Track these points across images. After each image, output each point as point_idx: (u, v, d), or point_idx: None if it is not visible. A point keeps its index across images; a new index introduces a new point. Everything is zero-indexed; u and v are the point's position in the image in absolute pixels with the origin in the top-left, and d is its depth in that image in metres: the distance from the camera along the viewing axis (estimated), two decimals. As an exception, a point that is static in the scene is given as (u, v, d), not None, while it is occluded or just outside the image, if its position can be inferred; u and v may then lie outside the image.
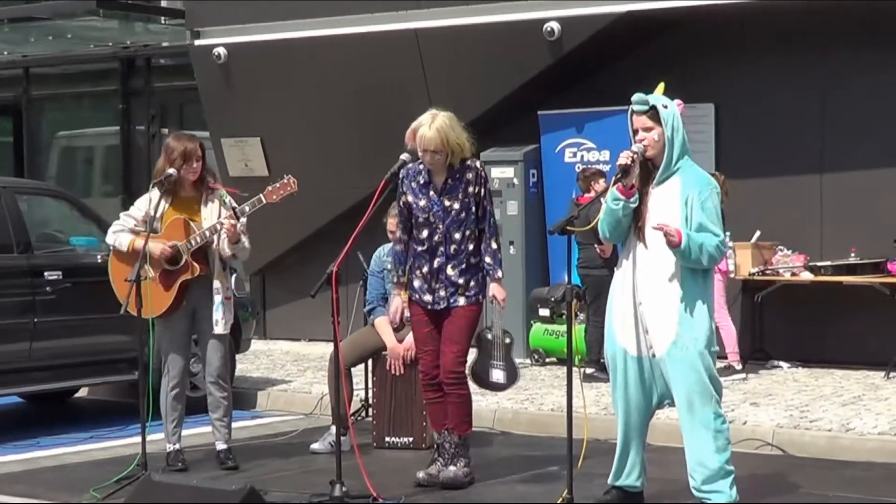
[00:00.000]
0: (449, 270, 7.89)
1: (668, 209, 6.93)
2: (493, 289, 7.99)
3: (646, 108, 6.98)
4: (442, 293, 7.90)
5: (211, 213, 8.54)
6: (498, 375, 8.06)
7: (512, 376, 8.14)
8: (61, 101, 19.16)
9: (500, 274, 7.96)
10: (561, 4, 12.96)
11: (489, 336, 8.09)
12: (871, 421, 9.42)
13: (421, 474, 7.99)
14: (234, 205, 8.56)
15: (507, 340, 8.10)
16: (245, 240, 8.57)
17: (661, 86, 7.16)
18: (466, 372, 8.10)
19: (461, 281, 7.89)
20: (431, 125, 7.78)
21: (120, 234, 8.63)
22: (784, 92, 12.81)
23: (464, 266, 7.90)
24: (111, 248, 8.74)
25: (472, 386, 8.15)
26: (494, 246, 7.96)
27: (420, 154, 7.86)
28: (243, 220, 8.50)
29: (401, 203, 8.02)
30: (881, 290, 11.77)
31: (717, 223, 6.91)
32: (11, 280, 10.12)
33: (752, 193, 12.65)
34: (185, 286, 8.53)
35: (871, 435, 9.03)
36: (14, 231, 10.21)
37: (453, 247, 7.88)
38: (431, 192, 7.88)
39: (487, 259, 7.93)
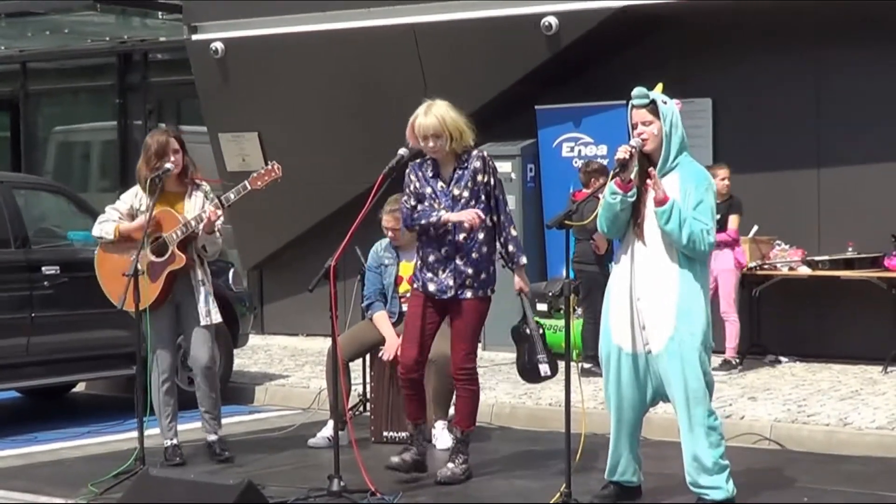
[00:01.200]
0: (458, 260, 7.79)
1: (666, 205, 6.93)
2: (518, 281, 7.94)
3: (646, 101, 6.98)
4: (450, 282, 7.80)
5: (194, 207, 8.57)
6: (545, 369, 7.98)
7: (555, 366, 8.05)
8: (58, 95, 19.14)
9: (524, 260, 7.91)
10: (558, -1, 12.98)
11: (528, 331, 7.99)
12: (868, 415, 9.42)
13: (395, 459, 7.88)
14: (217, 196, 8.59)
15: (541, 331, 8.01)
16: (219, 235, 8.58)
17: (660, 86, 7.16)
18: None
19: (470, 271, 7.80)
20: (428, 112, 7.76)
21: (105, 224, 8.65)
22: (781, 87, 12.81)
23: (474, 256, 7.81)
24: (98, 241, 8.76)
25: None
26: (514, 233, 7.90)
27: (422, 144, 7.81)
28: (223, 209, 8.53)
29: (409, 189, 7.88)
30: (879, 284, 11.77)
31: (707, 217, 6.90)
32: (9, 275, 10.12)
33: (750, 188, 12.65)
34: (172, 278, 8.54)
35: (869, 429, 9.04)
36: (11, 226, 10.22)
37: (462, 235, 7.80)
38: (440, 183, 7.83)
39: (510, 247, 7.86)
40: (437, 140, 7.75)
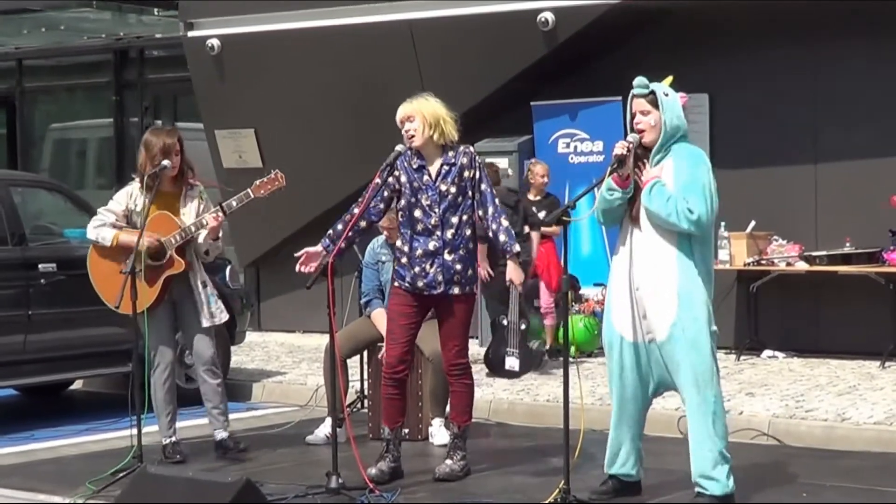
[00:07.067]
0: (446, 255, 7.74)
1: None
2: (511, 270, 7.83)
3: (645, 91, 6.95)
4: (439, 278, 7.75)
5: (190, 210, 8.54)
6: (512, 363, 7.98)
7: (527, 363, 7.99)
8: (54, 92, 19.14)
9: (517, 248, 7.83)
10: (555, -5, 12.96)
11: (504, 322, 7.94)
12: (866, 410, 9.42)
13: (372, 471, 7.77)
14: (219, 203, 8.57)
15: (523, 326, 7.96)
16: (220, 242, 8.62)
17: (669, 78, 7.13)
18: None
19: (458, 267, 7.75)
20: (410, 100, 7.78)
21: (102, 229, 8.58)
22: (778, 81, 12.81)
23: (461, 253, 7.76)
24: (92, 243, 8.69)
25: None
26: (506, 223, 7.80)
27: (401, 130, 7.82)
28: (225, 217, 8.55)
29: (387, 178, 7.77)
30: (876, 279, 11.77)
31: (697, 194, 6.80)
32: (6, 272, 10.11)
33: (747, 183, 12.66)
34: (169, 280, 8.52)
35: (867, 424, 9.04)
36: (8, 223, 10.20)
37: (451, 231, 7.74)
38: (426, 177, 7.79)
39: (502, 237, 7.76)
40: (411, 123, 7.72)
